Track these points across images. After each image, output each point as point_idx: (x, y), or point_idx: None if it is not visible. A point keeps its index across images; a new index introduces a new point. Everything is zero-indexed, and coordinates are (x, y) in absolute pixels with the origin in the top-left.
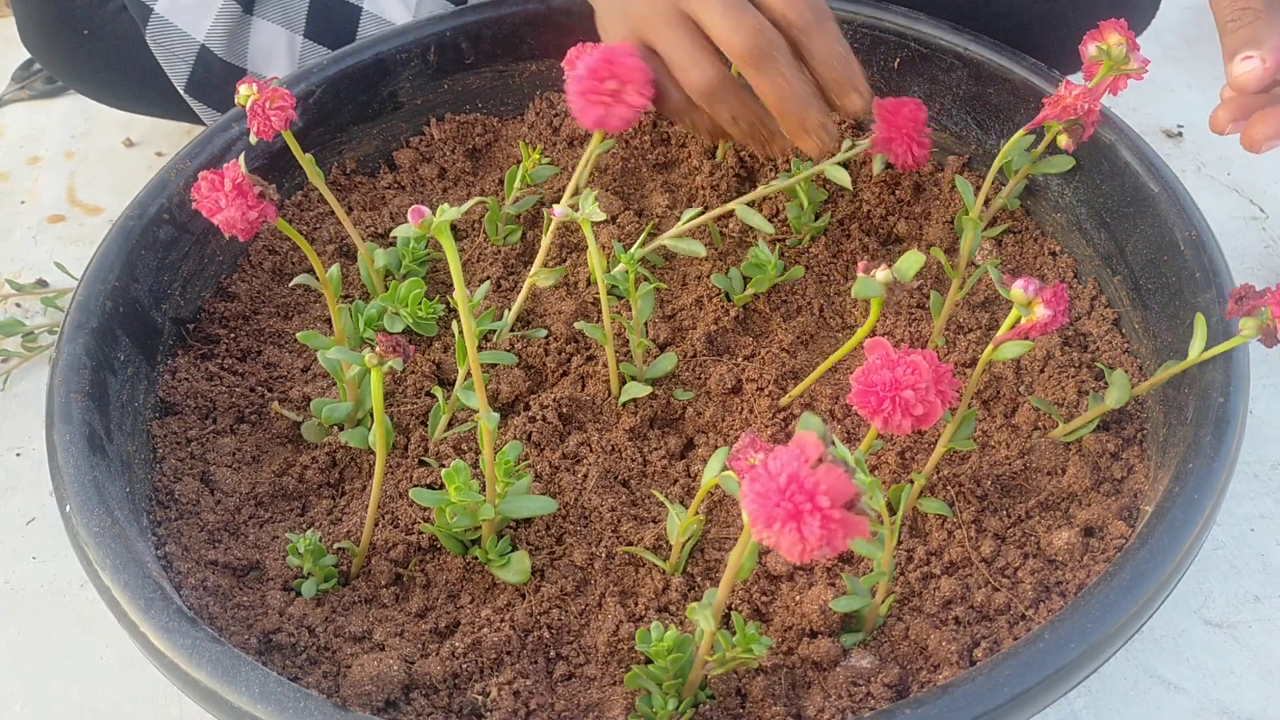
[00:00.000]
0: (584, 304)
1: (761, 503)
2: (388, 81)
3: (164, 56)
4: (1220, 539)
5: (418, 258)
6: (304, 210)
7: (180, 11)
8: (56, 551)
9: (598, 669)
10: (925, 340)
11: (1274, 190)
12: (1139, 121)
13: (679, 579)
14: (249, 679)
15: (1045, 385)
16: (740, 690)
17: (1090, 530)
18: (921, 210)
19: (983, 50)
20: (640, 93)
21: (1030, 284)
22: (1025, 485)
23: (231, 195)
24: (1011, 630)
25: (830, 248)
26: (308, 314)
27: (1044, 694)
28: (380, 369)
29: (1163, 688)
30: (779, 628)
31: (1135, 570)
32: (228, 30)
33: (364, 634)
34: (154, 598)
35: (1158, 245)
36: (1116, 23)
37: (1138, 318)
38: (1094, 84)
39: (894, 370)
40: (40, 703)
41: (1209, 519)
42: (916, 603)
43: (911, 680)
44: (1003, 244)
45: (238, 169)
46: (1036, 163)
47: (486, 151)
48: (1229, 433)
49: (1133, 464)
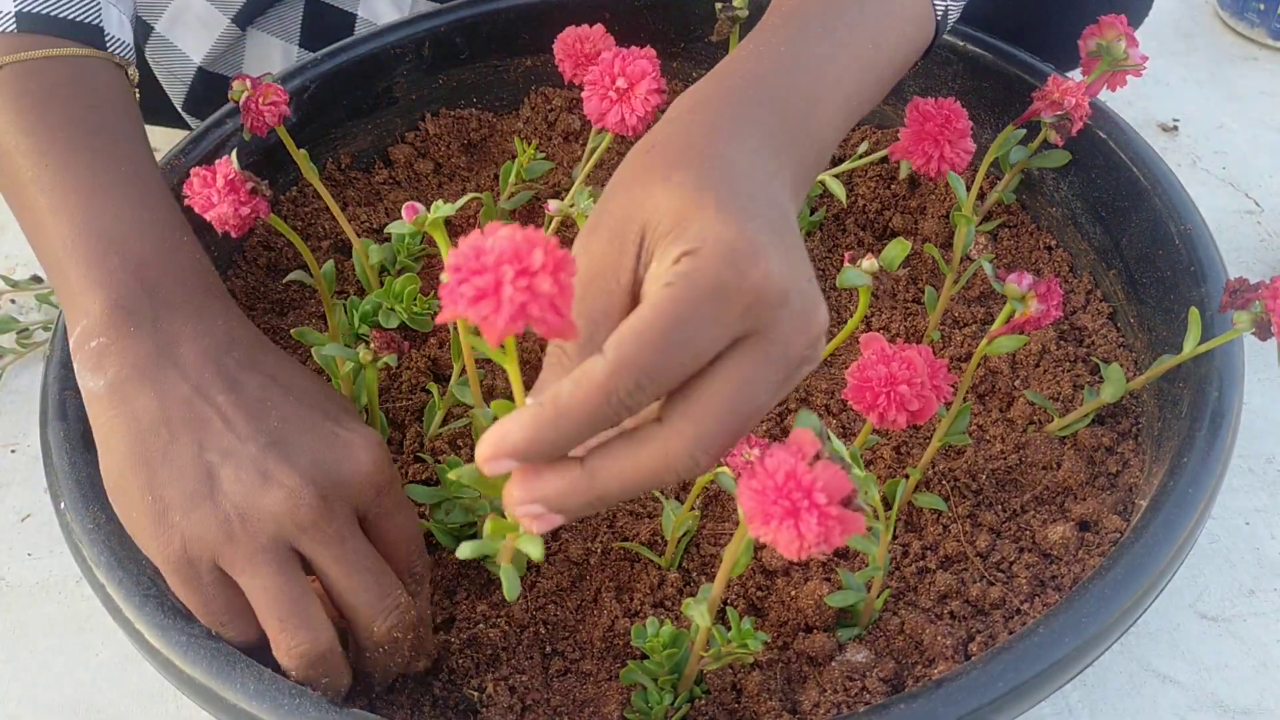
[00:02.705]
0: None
1: (759, 499)
2: (382, 77)
3: (163, 75)
4: (1215, 533)
5: (413, 253)
6: (299, 206)
7: (180, 31)
8: (51, 548)
9: (593, 664)
10: (921, 334)
11: (1269, 184)
12: (1134, 116)
13: (675, 574)
14: (244, 676)
15: (1040, 379)
16: (736, 685)
17: (1085, 524)
18: (917, 205)
19: (978, 45)
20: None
21: (1024, 278)
22: (1020, 479)
23: (224, 191)
24: (1007, 624)
25: (825, 242)
26: (303, 310)
27: (1039, 688)
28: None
29: (1158, 681)
30: (774, 622)
31: (1130, 564)
32: (225, 47)
33: None
34: (149, 594)
35: (1153, 239)
36: (1116, 18)
37: (1133, 312)
38: (1091, 79)
39: (889, 365)
40: (36, 699)
41: (1204, 513)
42: (912, 597)
43: (907, 674)
44: (998, 238)
45: (230, 165)
46: (1032, 157)
47: (482, 146)
48: (1224, 427)
49: (1128, 458)
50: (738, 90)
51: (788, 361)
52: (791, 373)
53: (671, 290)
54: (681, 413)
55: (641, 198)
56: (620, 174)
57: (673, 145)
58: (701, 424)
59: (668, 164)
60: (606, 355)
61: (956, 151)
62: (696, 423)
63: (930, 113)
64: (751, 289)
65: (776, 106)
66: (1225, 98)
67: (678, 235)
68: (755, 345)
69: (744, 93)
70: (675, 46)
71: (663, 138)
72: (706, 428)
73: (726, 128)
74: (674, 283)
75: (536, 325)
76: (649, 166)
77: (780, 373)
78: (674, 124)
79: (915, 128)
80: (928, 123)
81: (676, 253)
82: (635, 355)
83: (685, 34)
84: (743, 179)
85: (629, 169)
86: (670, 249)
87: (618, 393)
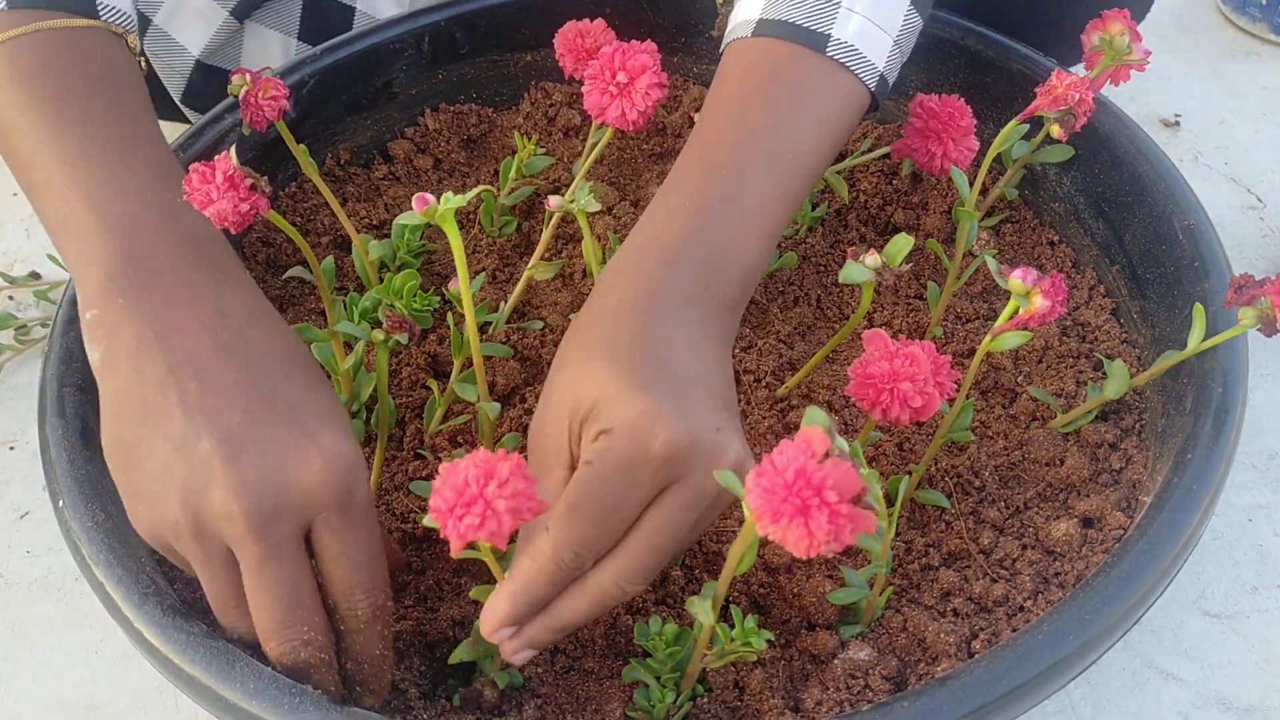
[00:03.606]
0: (580, 295)
1: (768, 497)
2: (382, 72)
3: (161, 68)
4: (1218, 529)
5: (412, 249)
6: (298, 202)
7: (178, 24)
8: (51, 546)
9: (595, 662)
10: (924, 330)
11: (1272, 179)
12: (1136, 111)
13: (677, 571)
14: (244, 674)
15: (1044, 376)
16: (738, 683)
17: (1089, 521)
18: (919, 200)
19: (980, 40)
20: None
21: (1028, 274)
22: (1024, 476)
23: (223, 188)
24: (1010, 622)
25: (827, 237)
26: (302, 306)
27: (1043, 686)
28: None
29: (1161, 679)
30: (777, 620)
31: (1134, 561)
32: (223, 40)
33: None
34: (148, 592)
35: (1156, 235)
36: (1119, 12)
37: (1136, 307)
38: (1095, 74)
39: (892, 362)
40: (35, 697)
41: (1207, 510)
42: (915, 594)
43: (910, 672)
44: (1001, 233)
45: (229, 161)
46: (1035, 152)
47: (482, 142)
48: (1228, 423)
49: (1131, 454)
50: (661, 256)
51: (701, 499)
52: (707, 508)
53: (589, 470)
54: (609, 556)
55: (569, 384)
56: (559, 355)
57: (598, 329)
58: (621, 563)
59: (589, 349)
60: (550, 534)
61: (960, 149)
62: (618, 563)
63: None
64: (656, 455)
65: (698, 266)
66: (1227, 93)
67: (594, 418)
68: (673, 493)
69: (667, 256)
70: (676, 41)
71: (593, 316)
72: (624, 566)
73: (647, 304)
74: (592, 460)
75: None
76: (579, 348)
77: (696, 510)
78: (605, 298)
79: (919, 125)
80: (931, 120)
81: (595, 431)
82: (569, 531)
83: (686, 28)
84: (655, 351)
85: (565, 351)
86: (591, 428)
87: (564, 562)
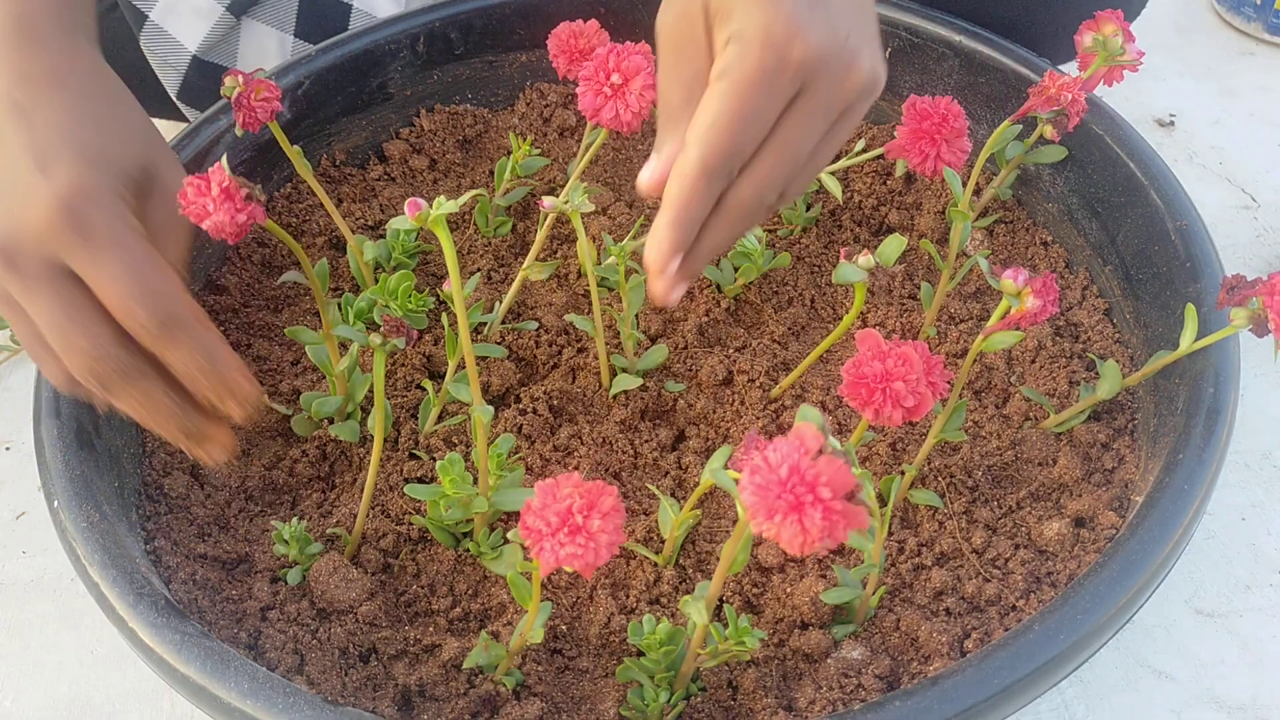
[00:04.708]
0: (575, 296)
1: (762, 495)
2: (377, 72)
3: (157, 64)
4: (1211, 528)
5: (407, 250)
6: (293, 203)
7: (174, 19)
8: (46, 546)
9: (589, 661)
10: (917, 331)
11: (1265, 180)
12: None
13: (671, 571)
14: (238, 674)
15: (1036, 376)
16: (731, 682)
17: (1081, 521)
18: (913, 200)
19: (974, 40)
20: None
21: (1020, 274)
22: (1016, 476)
23: (219, 200)
24: (1002, 621)
25: (821, 238)
26: (297, 307)
27: (1035, 685)
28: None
29: (1154, 677)
30: (770, 619)
31: (1126, 561)
32: (220, 36)
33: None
34: (143, 593)
35: (1149, 235)
36: (1113, 13)
37: (1129, 308)
38: (1088, 75)
39: (885, 362)
40: (30, 697)
41: (1199, 509)
42: (907, 594)
43: (902, 671)
44: (994, 234)
45: (223, 172)
46: (1028, 153)
47: (477, 142)
48: (1220, 423)
49: (1123, 454)
50: None
51: (829, 111)
52: (837, 118)
53: (727, 82)
54: (745, 171)
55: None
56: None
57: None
58: (757, 175)
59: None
60: (695, 151)
61: (953, 150)
62: (754, 175)
63: (927, 111)
64: (793, 64)
65: None
66: (1221, 93)
67: (724, 17)
68: (803, 102)
69: None
70: None
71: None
72: (761, 177)
73: None
74: (728, 70)
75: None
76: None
77: (826, 119)
78: None
79: (912, 126)
80: (924, 121)
81: (725, 35)
82: (714, 143)
83: None
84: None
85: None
86: (722, 29)
87: (714, 172)
